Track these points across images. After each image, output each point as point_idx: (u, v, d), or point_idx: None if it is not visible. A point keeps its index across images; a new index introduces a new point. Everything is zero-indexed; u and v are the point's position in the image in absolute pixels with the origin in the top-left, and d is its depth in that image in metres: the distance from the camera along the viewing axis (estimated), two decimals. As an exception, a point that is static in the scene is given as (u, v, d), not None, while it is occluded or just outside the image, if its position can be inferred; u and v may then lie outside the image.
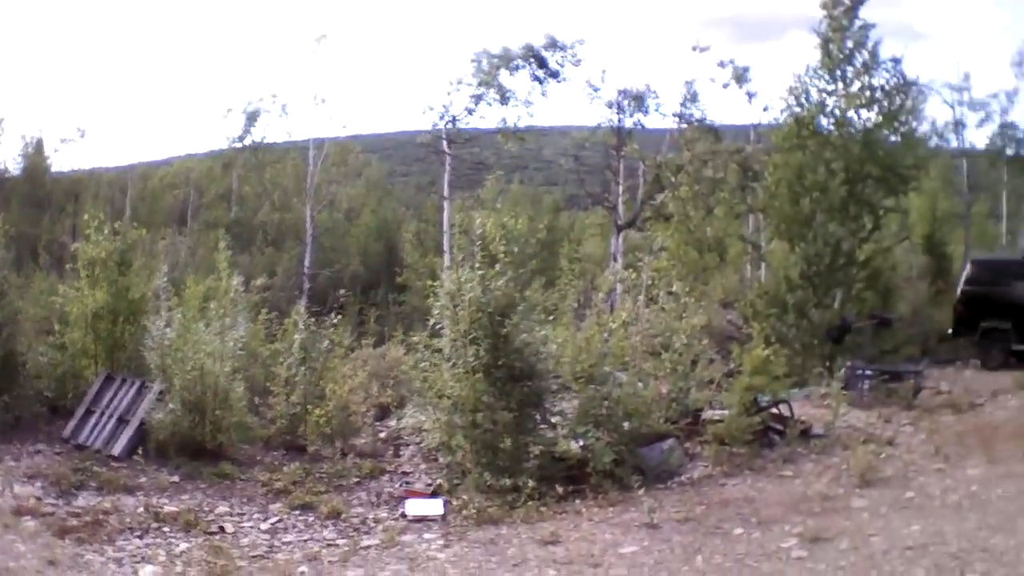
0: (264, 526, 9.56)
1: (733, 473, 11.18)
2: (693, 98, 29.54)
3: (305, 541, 9.12)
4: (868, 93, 21.84)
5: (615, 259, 27.60)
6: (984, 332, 22.80)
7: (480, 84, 27.92)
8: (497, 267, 10.79)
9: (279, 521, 9.73)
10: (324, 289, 29.49)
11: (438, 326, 11.13)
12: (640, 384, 11.34)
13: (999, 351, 22.43)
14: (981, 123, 34.27)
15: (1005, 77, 43.80)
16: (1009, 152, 34.23)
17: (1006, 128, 33.94)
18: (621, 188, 30.16)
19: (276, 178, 37.02)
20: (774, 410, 12.92)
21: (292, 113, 40.19)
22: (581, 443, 10.58)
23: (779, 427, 12.57)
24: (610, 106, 28.99)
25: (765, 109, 27.36)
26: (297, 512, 9.99)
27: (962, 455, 11.93)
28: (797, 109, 21.76)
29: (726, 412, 11.99)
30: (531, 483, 9.72)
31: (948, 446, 12.33)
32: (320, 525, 9.68)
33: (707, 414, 11.97)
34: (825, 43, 21.87)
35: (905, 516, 9.24)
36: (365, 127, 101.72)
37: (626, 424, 10.68)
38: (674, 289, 13.36)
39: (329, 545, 8.96)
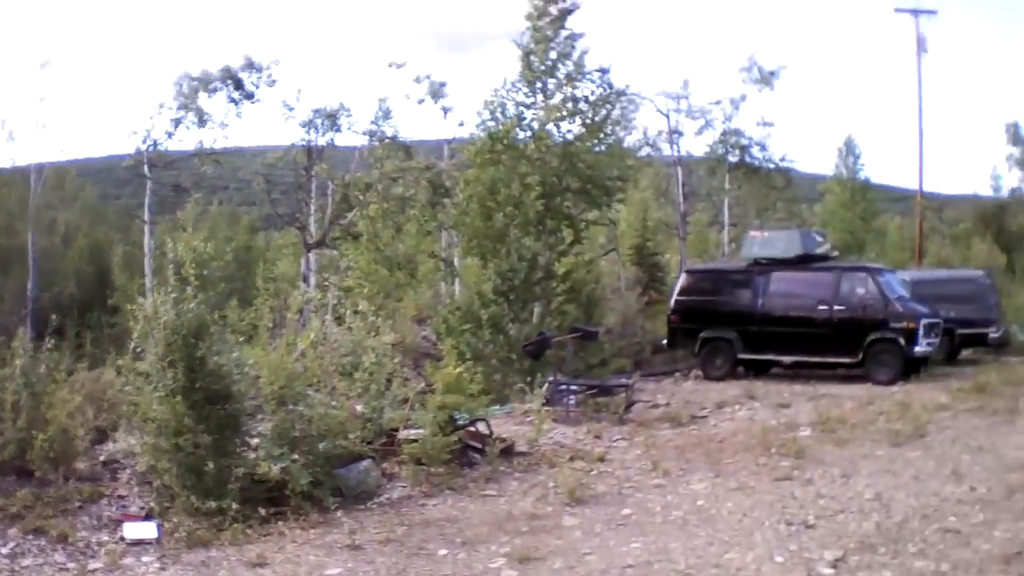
0: (4, 551, 9.75)
1: (433, 493, 11.61)
2: (386, 115, 30.95)
3: (41, 565, 9.41)
4: (571, 105, 22.86)
5: (305, 279, 28.74)
6: (705, 342, 24.20)
7: (180, 107, 29.02)
8: (189, 289, 11.33)
9: (16, 546, 9.90)
10: (47, 313, 30.71)
11: (138, 349, 11.66)
12: (334, 404, 11.79)
13: (724, 361, 24.04)
14: (700, 131, 36.00)
15: (732, 84, 47.10)
16: (732, 159, 35.98)
17: (728, 135, 35.72)
18: (313, 207, 31.61)
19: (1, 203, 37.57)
20: (472, 428, 13.45)
21: (17, 138, 40.57)
22: (280, 465, 11.01)
23: (478, 445, 13.11)
24: (304, 125, 30.31)
25: (460, 124, 28.41)
26: (31, 536, 10.17)
27: (685, 470, 12.72)
28: (492, 123, 22.48)
29: (422, 431, 12.37)
30: (235, 505, 10.18)
31: (667, 461, 13.09)
32: (51, 549, 9.90)
33: (403, 434, 12.53)
34: (526, 55, 22.85)
35: (623, 534, 9.78)
36: (80, 151, 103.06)
37: (321, 445, 11.19)
38: (360, 308, 13.73)
39: (61, 570, 9.31)
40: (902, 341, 22.57)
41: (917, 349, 22.64)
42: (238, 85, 28.89)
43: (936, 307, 24.96)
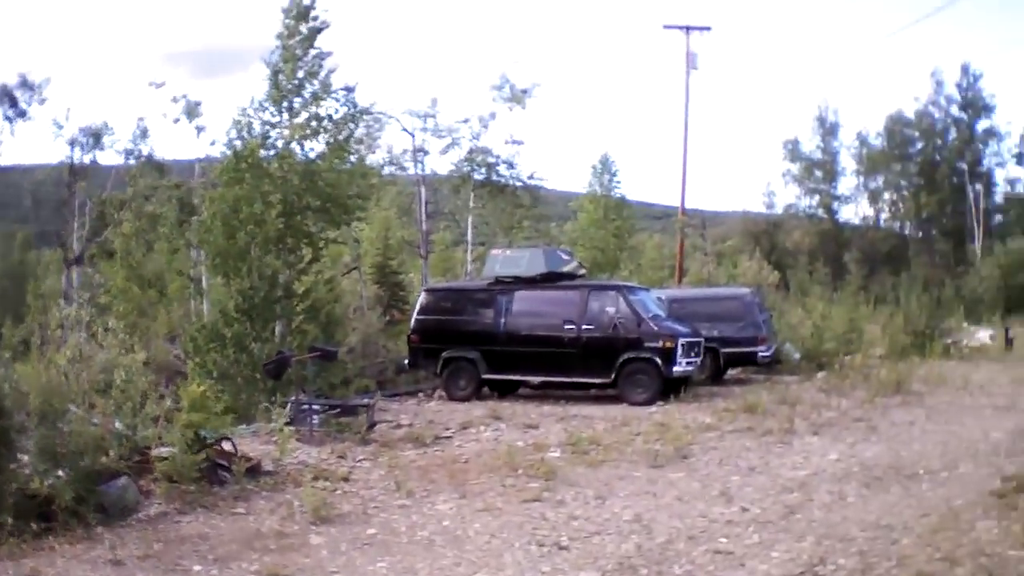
0: None
1: (186, 510, 11.69)
2: (143, 134, 31.58)
3: None
4: (315, 123, 23.22)
5: (66, 296, 28.76)
6: (447, 362, 24.62)
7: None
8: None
9: None
10: None
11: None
12: (94, 421, 11.91)
13: (467, 381, 24.48)
14: (446, 149, 36.18)
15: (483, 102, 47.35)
16: (478, 177, 36.41)
17: (475, 153, 36.04)
18: (76, 225, 31.77)
19: None
20: (220, 447, 13.64)
21: None
22: (49, 481, 11.10)
23: (227, 464, 13.31)
24: (69, 143, 30.81)
25: (212, 143, 28.50)
26: None
27: (430, 490, 13.04)
28: (238, 142, 22.73)
29: (173, 449, 12.54)
30: (10, 520, 10.28)
31: (412, 481, 13.38)
32: None
33: (156, 451, 12.62)
34: (275, 74, 23.18)
35: (369, 553, 10.06)
36: None
37: (82, 462, 11.24)
38: (111, 325, 13.83)
39: None
40: (658, 361, 22.86)
41: (676, 369, 23.08)
42: (12, 103, 28.71)
43: (699, 326, 25.47)
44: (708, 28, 53.55)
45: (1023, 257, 76.83)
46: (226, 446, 13.64)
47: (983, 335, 44.21)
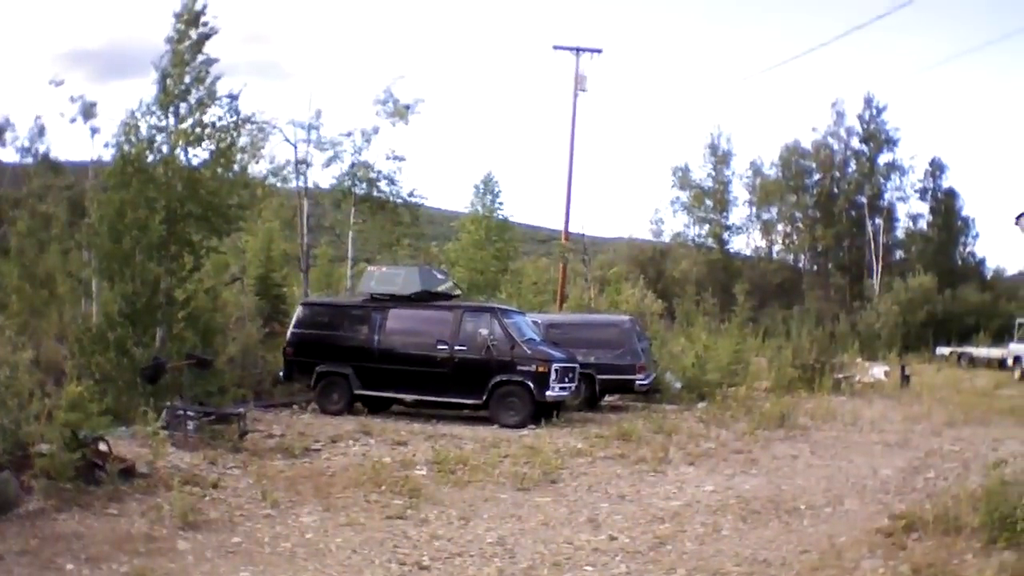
0: None
1: (63, 508, 11.74)
2: (40, 132, 31.63)
3: None
4: (199, 130, 23.07)
5: None
6: (321, 376, 24.98)
7: None
8: None
9: None
10: None
11: None
12: None
13: (340, 396, 24.81)
14: (329, 162, 36.02)
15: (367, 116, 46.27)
16: (359, 192, 36.24)
17: (357, 167, 35.90)
18: None
19: None
20: (96, 447, 13.64)
21: None
22: None
23: (102, 464, 13.38)
24: None
25: (106, 145, 28.39)
26: None
27: (295, 501, 13.16)
28: (127, 146, 22.68)
29: (52, 446, 12.71)
30: None
31: (278, 491, 13.47)
32: None
33: (36, 448, 12.72)
34: (164, 78, 23.04)
35: (233, 562, 10.14)
36: None
37: None
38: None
39: None
40: (531, 384, 23.20)
41: (549, 393, 23.44)
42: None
43: (577, 352, 25.85)
44: (599, 51, 53.99)
45: (923, 294, 77.71)
46: (102, 447, 13.68)
47: (878, 371, 44.68)
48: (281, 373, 26.51)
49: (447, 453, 17.38)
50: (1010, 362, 52.63)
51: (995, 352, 58.47)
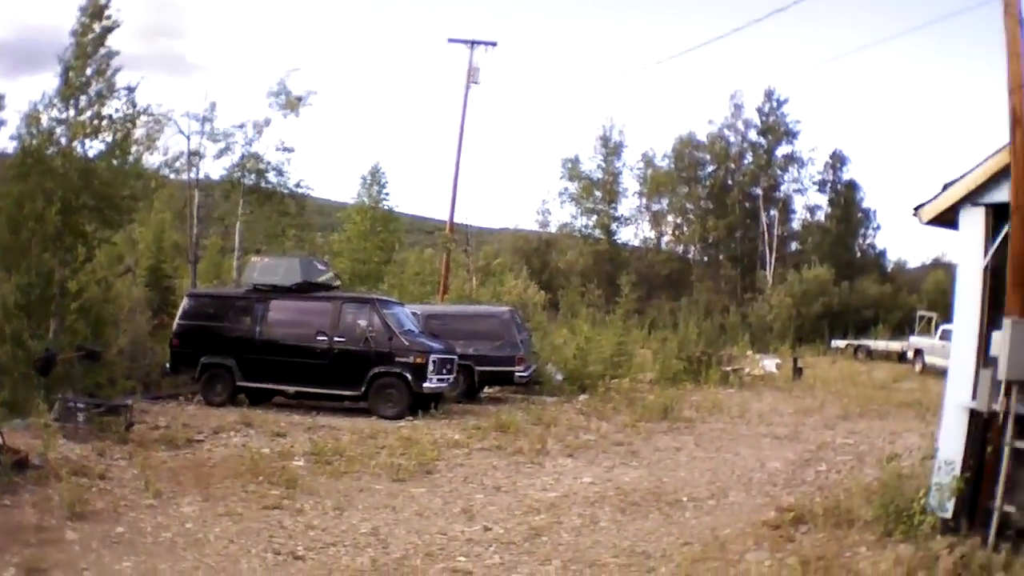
0: None
1: None
2: None
3: None
4: (97, 121, 23.33)
5: None
6: (205, 367, 25.19)
7: None
8: None
9: None
10: None
11: None
12: None
13: (223, 387, 24.87)
14: (220, 153, 36.37)
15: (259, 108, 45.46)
16: (247, 183, 36.56)
17: (247, 159, 36.30)
18: None
19: None
20: None
21: None
22: None
23: None
24: None
25: (11, 138, 28.29)
26: None
27: (177, 492, 13.35)
28: (28, 138, 22.92)
29: None
30: None
31: (160, 482, 13.64)
32: None
33: None
34: (66, 70, 23.31)
35: (117, 551, 10.26)
36: None
37: None
38: None
39: None
40: (409, 376, 23.55)
41: (427, 385, 23.69)
42: None
43: (457, 343, 26.31)
44: (494, 44, 53.77)
45: (819, 285, 77.41)
46: (-2, 437, 13.91)
47: (769, 363, 44.83)
48: (167, 365, 26.48)
49: (324, 444, 17.67)
50: (911, 355, 52.55)
51: (894, 345, 58.81)
